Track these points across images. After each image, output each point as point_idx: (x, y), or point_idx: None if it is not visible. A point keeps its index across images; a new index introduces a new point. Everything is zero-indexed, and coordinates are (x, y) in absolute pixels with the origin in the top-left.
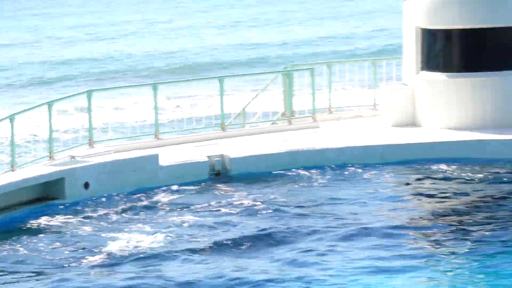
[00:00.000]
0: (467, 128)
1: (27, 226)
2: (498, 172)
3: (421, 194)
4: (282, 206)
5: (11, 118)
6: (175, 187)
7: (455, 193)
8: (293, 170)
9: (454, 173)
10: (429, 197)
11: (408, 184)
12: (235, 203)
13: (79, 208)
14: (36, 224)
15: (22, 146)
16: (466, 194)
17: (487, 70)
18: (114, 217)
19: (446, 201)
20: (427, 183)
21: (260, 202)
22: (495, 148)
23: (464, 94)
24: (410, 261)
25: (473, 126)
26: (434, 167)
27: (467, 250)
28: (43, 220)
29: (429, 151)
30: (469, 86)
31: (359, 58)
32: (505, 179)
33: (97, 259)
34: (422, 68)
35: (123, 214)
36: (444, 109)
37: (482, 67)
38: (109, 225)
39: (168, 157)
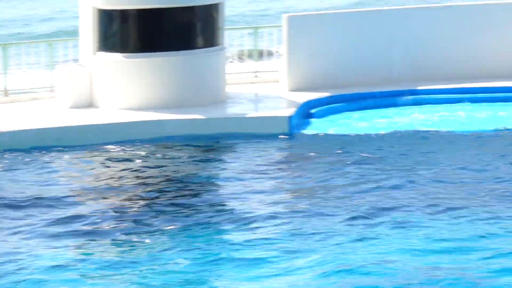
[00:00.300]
0: (146, 108)
1: None
2: (176, 151)
3: (101, 178)
4: None
5: None
6: None
7: (136, 174)
8: None
9: (133, 153)
10: (111, 179)
11: (92, 168)
12: None
13: None
14: None
15: None
16: (148, 174)
17: (165, 51)
18: None
19: (124, 183)
20: (108, 165)
21: None
22: (173, 128)
23: (142, 75)
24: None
25: (152, 106)
26: (113, 148)
27: (165, 235)
28: None
29: (106, 133)
30: (147, 66)
31: (36, 40)
32: (185, 157)
33: None
34: (99, 49)
35: None
36: (123, 90)
37: (159, 47)
38: None
39: None
